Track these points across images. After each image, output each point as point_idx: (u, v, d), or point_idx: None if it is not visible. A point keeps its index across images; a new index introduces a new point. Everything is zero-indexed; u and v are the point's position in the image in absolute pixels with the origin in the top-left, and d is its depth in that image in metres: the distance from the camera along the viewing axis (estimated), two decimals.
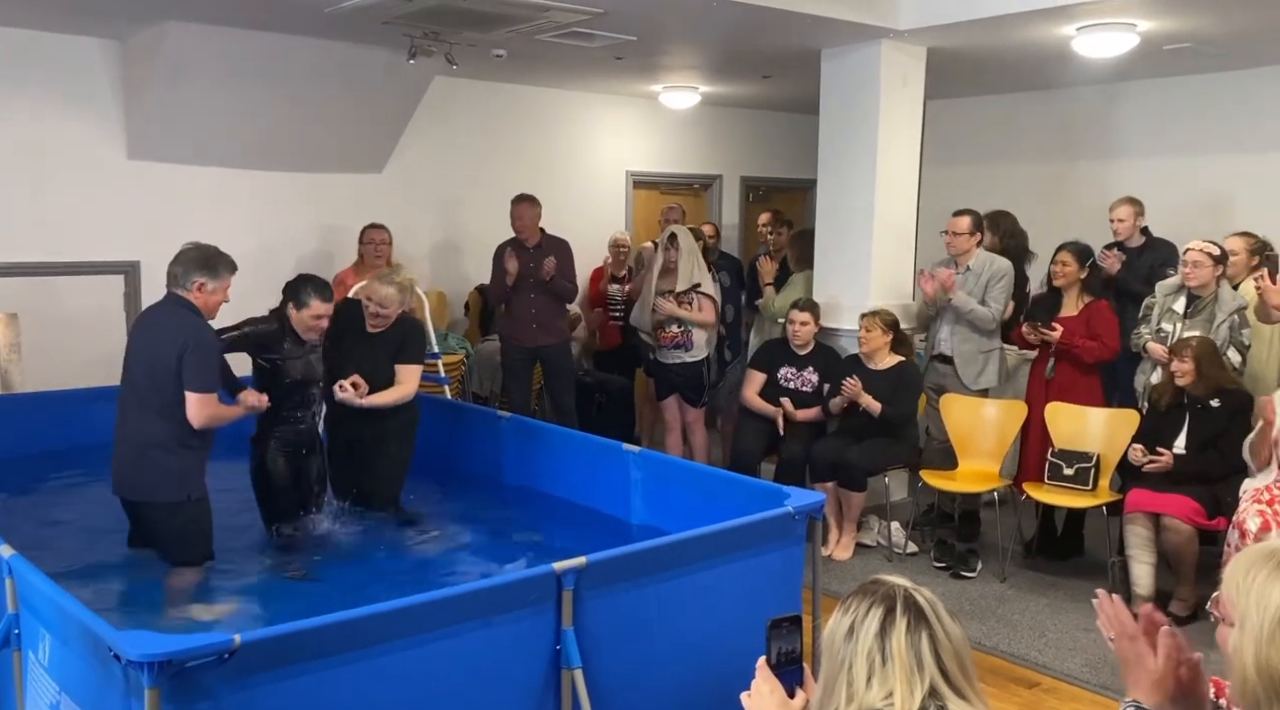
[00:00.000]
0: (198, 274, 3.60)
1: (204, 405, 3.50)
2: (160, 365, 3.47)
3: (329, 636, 2.31)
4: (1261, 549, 1.41)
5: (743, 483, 3.85)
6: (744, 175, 8.88)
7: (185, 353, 3.46)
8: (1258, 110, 6.09)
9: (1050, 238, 5.55)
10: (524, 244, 6.00)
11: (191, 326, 3.54)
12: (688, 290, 5.65)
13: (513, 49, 5.73)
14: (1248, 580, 1.36)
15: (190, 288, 3.59)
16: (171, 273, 3.63)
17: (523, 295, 5.96)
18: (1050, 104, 7.07)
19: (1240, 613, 1.35)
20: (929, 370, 5.54)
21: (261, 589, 3.77)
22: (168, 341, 3.48)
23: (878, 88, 5.52)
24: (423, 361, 4.42)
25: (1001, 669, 3.93)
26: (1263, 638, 1.31)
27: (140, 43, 5.53)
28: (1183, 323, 4.65)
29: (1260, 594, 1.33)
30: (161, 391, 3.48)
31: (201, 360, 3.50)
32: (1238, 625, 1.35)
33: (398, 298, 4.21)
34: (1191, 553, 4.28)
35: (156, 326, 3.60)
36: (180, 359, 3.45)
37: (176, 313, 3.58)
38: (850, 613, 1.48)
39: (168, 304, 3.63)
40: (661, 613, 2.94)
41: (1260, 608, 1.32)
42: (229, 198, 6.17)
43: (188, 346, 3.47)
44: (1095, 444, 4.82)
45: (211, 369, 3.58)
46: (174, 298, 3.62)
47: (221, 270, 3.66)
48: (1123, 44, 5.12)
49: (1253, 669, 1.31)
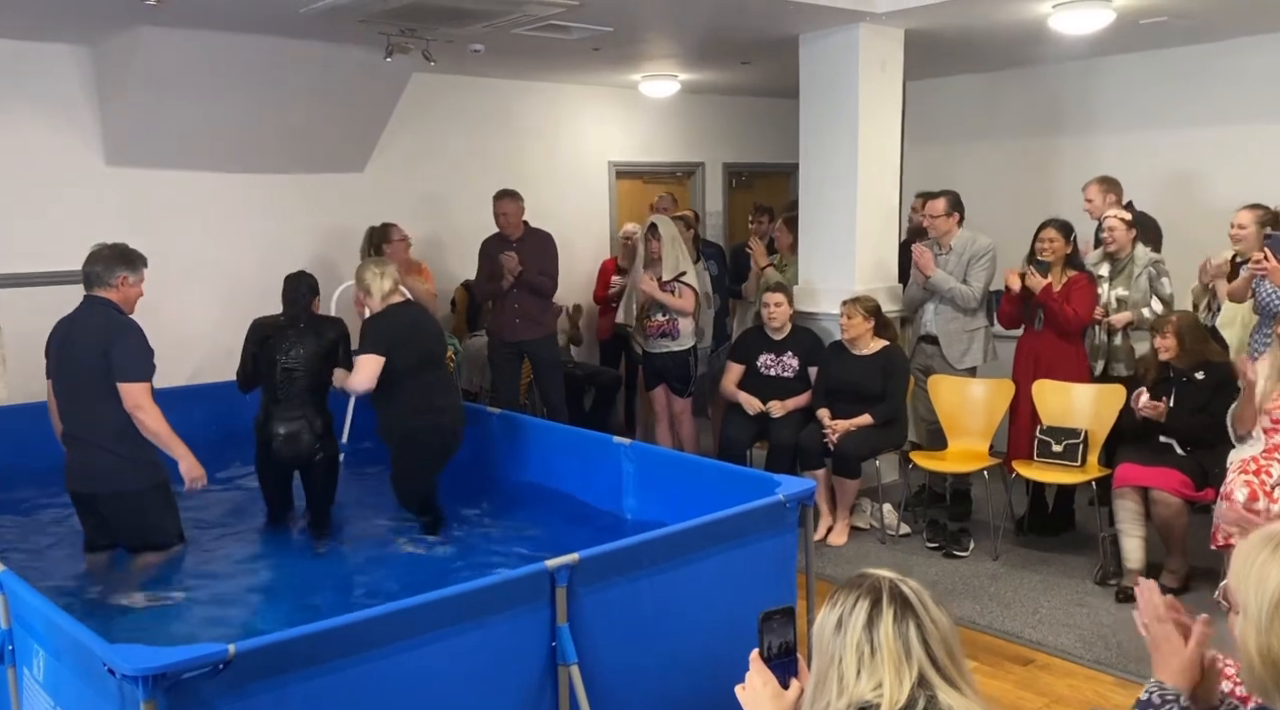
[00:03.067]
0: (120, 269, 3.77)
1: (135, 394, 3.64)
2: (97, 361, 3.63)
3: (323, 643, 2.31)
4: (1261, 534, 1.42)
5: (734, 472, 3.88)
6: (726, 162, 8.86)
7: (114, 347, 3.63)
8: (1236, 81, 6.10)
9: (1032, 214, 5.56)
10: (508, 239, 6.00)
11: (116, 321, 3.73)
12: (672, 279, 5.65)
13: (490, 43, 5.71)
14: (1247, 566, 1.37)
15: (114, 283, 3.75)
16: (91, 273, 3.77)
17: (507, 289, 5.96)
18: (1029, 81, 7.07)
19: (1243, 600, 1.35)
20: (916, 351, 5.56)
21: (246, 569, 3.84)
22: (96, 338, 3.65)
23: (856, 71, 5.51)
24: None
25: (996, 647, 3.96)
26: (1262, 624, 1.31)
27: (114, 48, 5.49)
28: (1109, 284, 5.04)
29: (1259, 579, 1.33)
30: (105, 385, 3.64)
31: (130, 351, 3.66)
32: (1241, 613, 1.36)
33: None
34: (1181, 525, 4.31)
35: (85, 327, 3.73)
36: (108, 353, 3.62)
37: (100, 311, 3.74)
38: (838, 606, 1.49)
39: (89, 305, 3.78)
40: (656, 605, 2.95)
41: (1259, 593, 1.33)
42: (210, 202, 6.13)
43: (114, 340, 3.65)
44: (1083, 420, 4.85)
45: (142, 359, 3.70)
46: (93, 298, 3.77)
47: (139, 263, 3.85)
48: (1098, 20, 5.12)
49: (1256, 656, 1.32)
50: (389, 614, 2.43)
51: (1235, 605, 1.39)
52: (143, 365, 3.68)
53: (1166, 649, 1.67)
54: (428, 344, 4.26)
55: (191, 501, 4.18)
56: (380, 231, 5.93)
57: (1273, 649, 1.29)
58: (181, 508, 4.00)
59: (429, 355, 4.23)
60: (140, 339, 3.72)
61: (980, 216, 5.75)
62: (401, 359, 4.10)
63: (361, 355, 4.09)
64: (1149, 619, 1.72)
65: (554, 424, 4.98)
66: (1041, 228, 5.05)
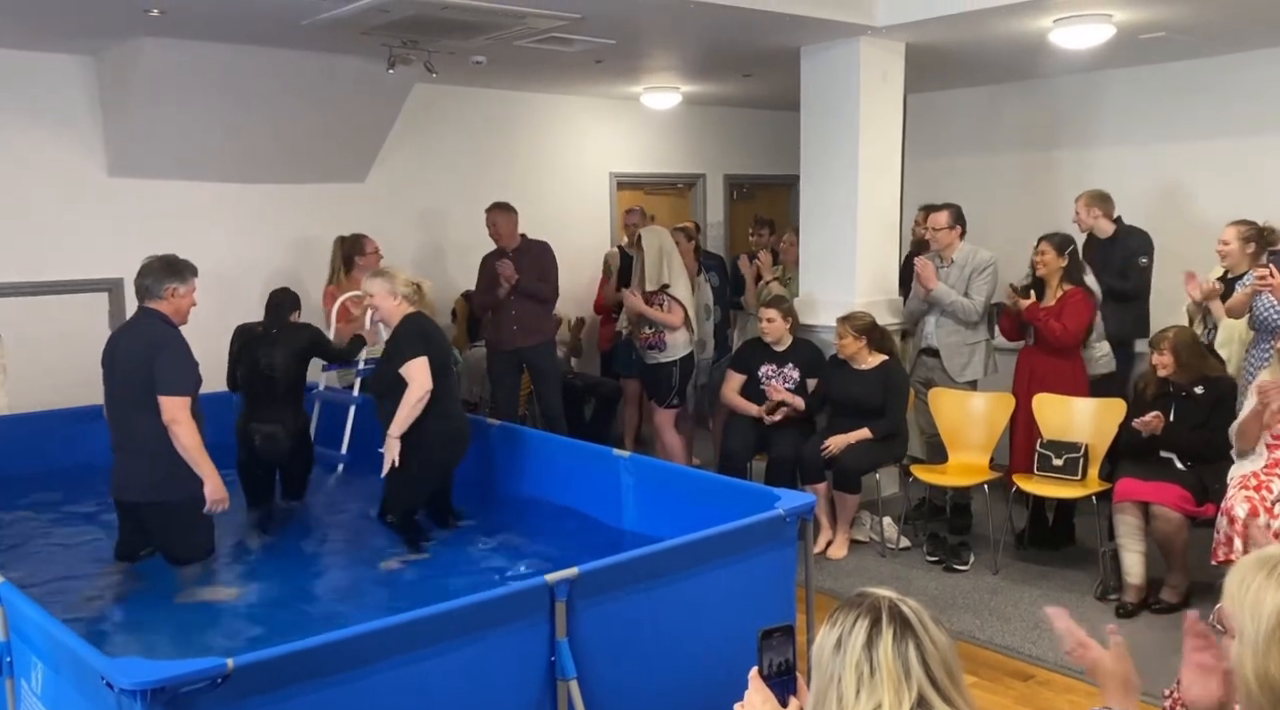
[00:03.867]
0: (169, 280, 3.83)
1: (172, 407, 3.67)
2: (140, 373, 3.69)
3: (322, 657, 2.31)
4: (1256, 558, 1.41)
5: (733, 486, 3.87)
6: (727, 173, 8.88)
7: (157, 358, 3.69)
8: (1235, 95, 6.12)
9: (1032, 227, 5.57)
10: (503, 250, 6.02)
11: (161, 334, 3.78)
12: (657, 291, 5.68)
13: (492, 55, 5.72)
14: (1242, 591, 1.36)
15: (163, 295, 3.82)
16: (142, 286, 3.84)
17: (505, 300, 5.97)
18: (1029, 94, 7.09)
19: (1238, 624, 1.35)
20: (917, 364, 5.57)
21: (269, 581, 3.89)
22: (144, 350, 3.72)
23: (858, 84, 5.53)
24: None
25: (996, 662, 3.94)
26: (1259, 648, 1.30)
27: (116, 59, 5.50)
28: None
29: (1254, 604, 1.33)
30: (146, 396, 3.69)
31: (172, 364, 3.71)
32: (1237, 637, 1.35)
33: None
34: (1181, 540, 4.30)
35: (132, 339, 3.82)
36: (152, 365, 3.68)
37: (149, 323, 3.81)
38: (837, 626, 1.48)
39: (140, 317, 3.87)
40: (656, 620, 2.95)
41: (1255, 618, 1.32)
42: (212, 212, 6.15)
43: (159, 352, 3.71)
44: (1083, 434, 4.84)
45: (182, 373, 3.75)
46: (144, 311, 3.85)
47: (187, 274, 3.91)
48: (1099, 35, 5.13)
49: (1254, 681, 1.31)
50: (388, 628, 2.43)
51: (1230, 629, 1.39)
52: (183, 379, 3.73)
53: (1101, 673, 1.68)
54: (443, 351, 4.29)
55: None
56: (352, 242, 5.88)
57: (1270, 673, 1.28)
58: None
59: (443, 362, 4.26)
60: (183, 352, 3.78)
61: (980, 229, 5.76)
62: (433, 361, 4.15)
63: (410, 361, 4.08)
64: (1070, 647, 1.73)
65: (553, 436, 4.97)
66: (1039, 242, 5.07)
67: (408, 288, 4.24)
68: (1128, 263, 5.49)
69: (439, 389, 4.13)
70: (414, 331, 4.15)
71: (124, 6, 4.52)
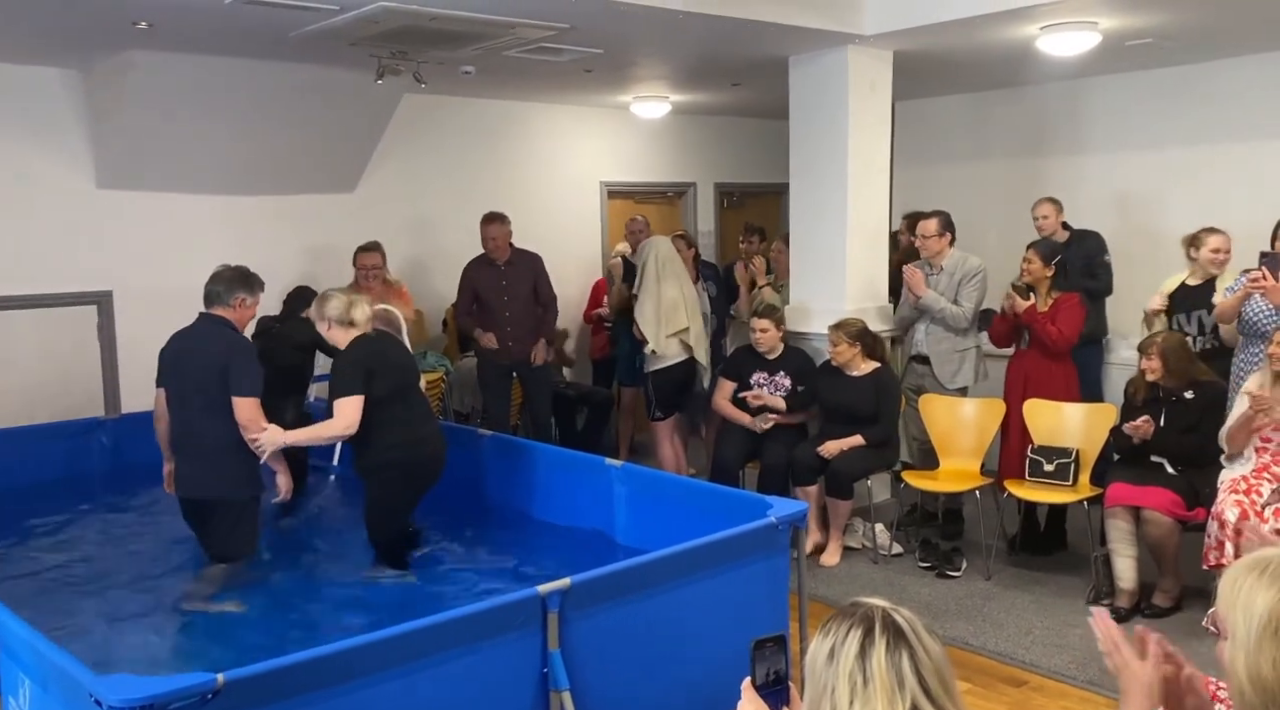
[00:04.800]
0: (239, 290, 4.01)
1: (248, 409, 3.84)
2: (214, 376, 3.82)
3: (313, 671, 2.30)
4: (1248, 560, 1.42)
5: (725, 494, 3.87)
6: (717, 182, 8.90)
7: (232, 363, 3.83)
8: (1224, 101, 6.16)
9: (1019, 234, 5.60)
10: (494, 261, 6.01)
11: (235, 340, 3.96)
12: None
13: (481, 65, 5.73)
14: (1235, 592, 1.37)
15: (231, 304, 3.98)
16: (212, 291, 4.00)
17: (496, 313, 5.97)
18: (1017, 101, 7.12)
19: (1231, 625, 1.35)
20: (907, 371, 5.58)
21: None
22: (219, 354, 3.84)
23: (846, 92, 5.55)
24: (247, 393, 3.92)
25: (989, 668, 3.94)
26: (1251, 648, 1.31)
27: (104, 72, 5.49)
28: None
29: (1246, 604, 1.34)
30: (219, 399, 3.83)
31: (246, 369, 3.87)
32: (1230, 637, 1.36)
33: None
34: (1173, 544, 4.31)
35: (204, 340, 3.93)
36: (227, 368, 3.81)
37: (218, 329, 3.96)
38: (830, 636, 1.48)
39: (205, 321, 3.99)
40: (648, 630, 2.94)
41: (1247, 618, 1.33)
42: (201, 223, 6.13)
43: (234, 357, 3.85)
44: (1074, 439, 4.86)
45: (256, 377, 3.90)
46: (210, 317, 3.99)
47: (256, 288, 4.11)
48: (1085, 42, 5.16)
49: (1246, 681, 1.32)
50: (380, 641, 2.42)
51: (1223, 631, 1.40)
52: (256, 382, 3.88)
53: (1127, 676, 1.67)
54: (398, 374, 4.06)
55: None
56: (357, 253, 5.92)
57: (1262, 674, 1.29)
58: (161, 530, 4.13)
59: (400, 386, 4.04)
60: (255, 358, 3.94)
61: (968, 236, 5.79)
62: (374, 393, 3.91)
63: (338, 400, 3.89)
64: (1106, 648, 1.72)
65: (546, 446, 4.96)
66: (1027, 249, 5.10)
67: (336, 311, 4.00)
68: (1090, 263, 5.62)
69: (392, 417, 3.93)
70: (354, 362, 3.92)
71: (112, 19, 4.52)
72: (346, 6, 4.31)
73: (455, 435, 5.07)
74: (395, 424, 3.96)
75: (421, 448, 4.07)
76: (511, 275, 5.99)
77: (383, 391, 3.93)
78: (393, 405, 3.96)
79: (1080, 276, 5.52)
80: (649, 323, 5.69)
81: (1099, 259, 5.66)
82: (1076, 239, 5.70)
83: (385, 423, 3.94)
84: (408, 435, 4.01)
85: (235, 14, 4.35)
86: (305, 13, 4.38)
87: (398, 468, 4.01)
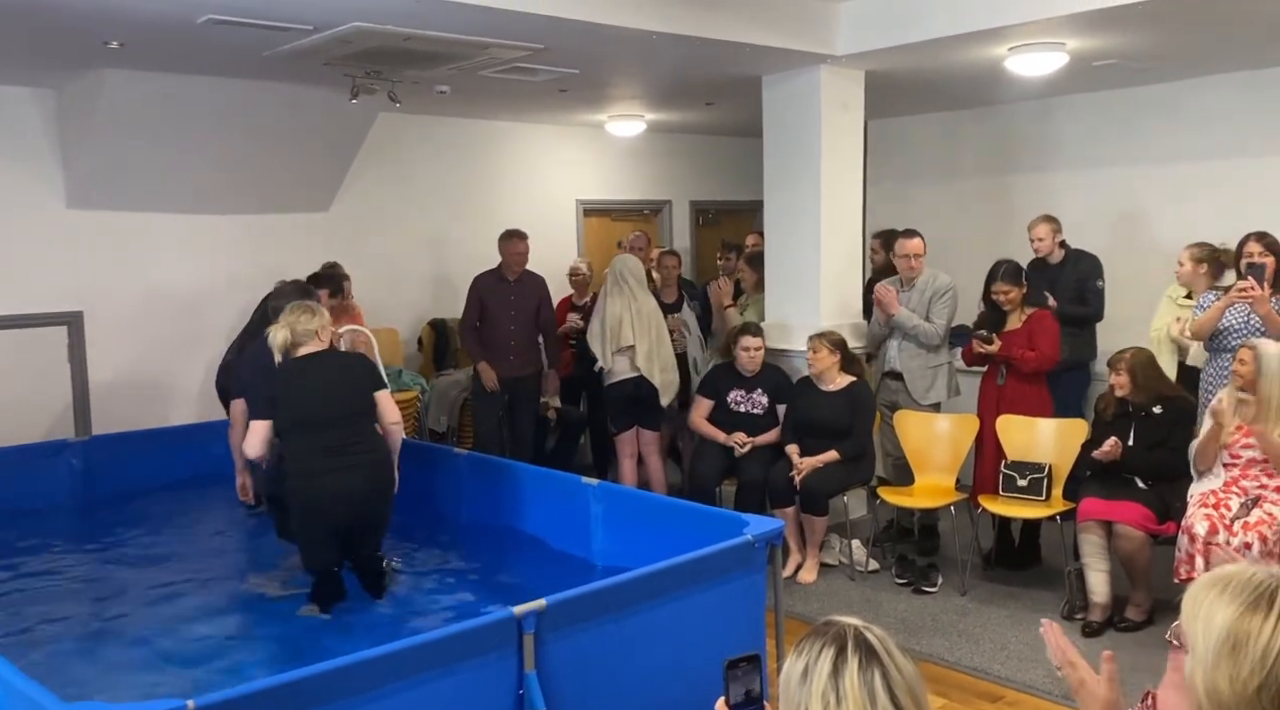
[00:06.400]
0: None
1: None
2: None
3: (284, 696, 2.27)
4: (1211, 576, 1.43)
5: (702, 512, 3.87)
6: (693, 199, 8.95)
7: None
8: (1186, 121, 6.26)
9: (989, 251, 5.65)
10: (505, 277, 6.04)
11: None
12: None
13: (456, 85, 5.74)
14: (1196, 607, 1.38)
15: None
16: None
17: (502, 328, 5.99)
18: (987, 121, 7.22)
19: (1191, 640, 1.37)
20: (881, 387, 5.61)
21: None
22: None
23: (819, 111, 5.60)
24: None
25: (965, 684, 3.96)
26: (1208, 664, 1.32)
27: (76, 91, 5.46)
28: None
29: (1206, 619, 1.35)
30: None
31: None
32: (1190, 652, 1.37)
33: None
34: (1144, 558, 4.35)
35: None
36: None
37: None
38: (803, 655, 1.49)
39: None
40: (625, 650, 2.93)
41: (1205, 633, 1.34)
42: (173, 243, 6.09)
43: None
44: (1046, 454, 4.90)
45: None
46: None
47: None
48: (1053, 63, 5.24)
49: (1204, 695, 1.33)
50: (352, 665, 2.40)
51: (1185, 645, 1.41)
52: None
53: (1084, 694, 1.69)
54: (299, 410, 3.82)
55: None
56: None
57: (1218, 687, 1.30)
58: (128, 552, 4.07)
59: (302, 421, 3.83)
60: None
61: (940, 253, 5.85)
62: (278, 423, 3.83)
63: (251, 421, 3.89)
64: (1058, 661, 1.74)
65: (523, 464, 4.94)
66: (992, 280, 5.08)
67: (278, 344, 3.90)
68: (1083, 286, 5.57)
69: (293, 449, 3.84)
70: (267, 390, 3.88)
71: (84, 39, 4.50)
72: (320, 26, 4.31)
73: (431, 455, 5.06)
74: (294, 456, 3.85)
75: (313, 481, 3.80)
76: (520, 292, 6.05)
77: (284, 424, 3.83)
78: (292, 436, 3.84)
79: (1070, 302, 5.46)
80: (595, 339, 5.74)
81: (1091, 283, 5.54)
82: (1072, 260, 5.61)
83: (289, 453, 3.87)
84: (299, 467, 3.82)
85: (207, 33, 4.34)
86: (278, 32, 4.38)
87: (293, 498, 3.87)
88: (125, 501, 5.18)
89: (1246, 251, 4.48)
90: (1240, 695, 1.27)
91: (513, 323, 6.01)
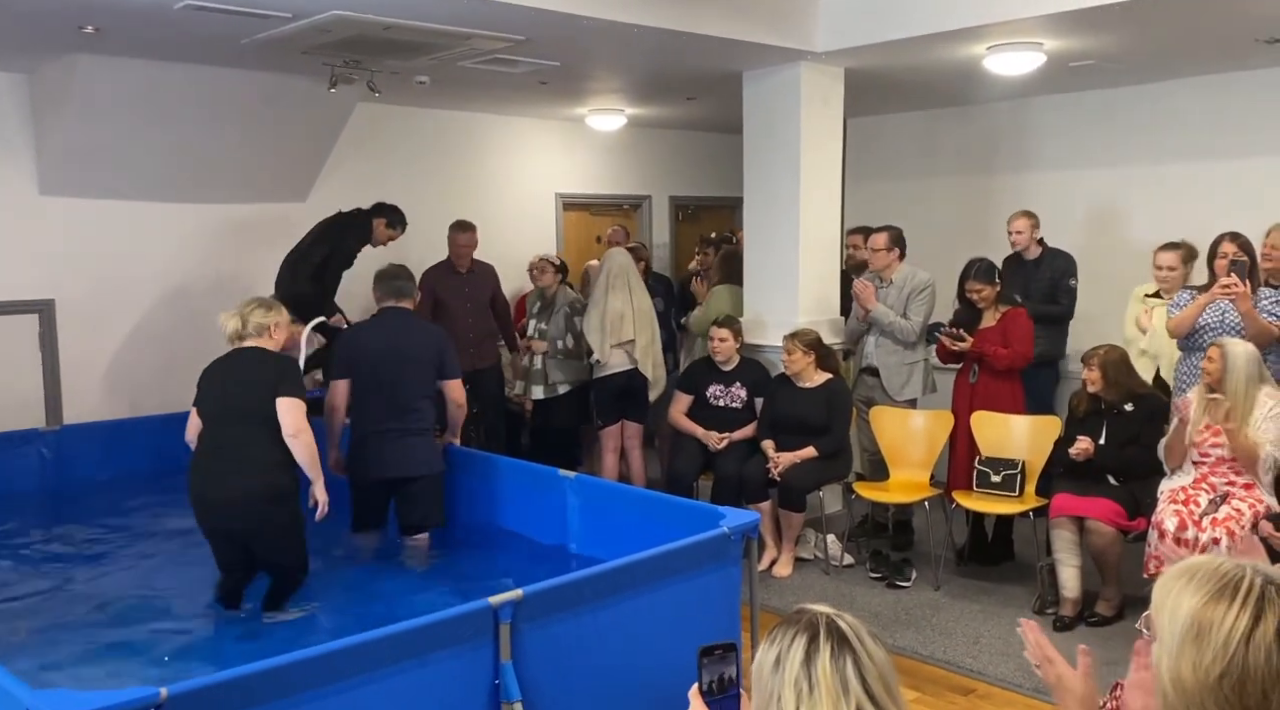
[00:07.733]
0: (415, 288, 4.61)
1: (460, 389, 4.45)
2: (434, 362, 4.29)
3: (260, 684, 2.26)
4: (1181, 566, 1.46)
5: (678, 504, 3.88)
6: (673, 195, 8.95)
7: (445, 350, 4.35)
8: (1161, 122, 6.34)
9: (968, 249, 5.68)
10: (456, 269, 6.02)
11: (438, 329, 4.55)
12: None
13: (436, 76, 5.72)
14: (1164, 595, 1.40)
15: (413, 296, 4.53)
16: (397, 287, 4.41)
17: (460, 320, 5.97)
18: (966, 119, 7.27)
19: (1158, 629, 1.39)
20: (858, 383, 5.64)
21: None
22: (433, 343, 4.34)
23: (799, 107, 5.62)
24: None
25: (938, 677, 3.99)
26: (1173, 651, 1.34)
27: (50, 76, 5.39)
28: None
29: (1173, 608, 1.37)
30: (435, 382, 4.29)
31: (455, 355, 4.45)
32: (1157, 641, 1.39)
33: None
34: (1115, 554, 4.41)
35: (415, 333, 4.36)
36: (441, 355, 4.33)
37: (417, 320, 4.52)
38: (776, 644, 1.50)
39: (399, 315, 4.39)
40: (601, 641, 2.94)
41: (1171, 622, 1.36)
42: (147, 232, 6.03)
43: (444, 344, 4.37)
44: (1020, 451, 4.95)
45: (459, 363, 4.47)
46: (399, 310, 4.40)
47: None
48: (1030, 62, 5.29)
49: (1169, 684, 1.35)
50: (328, 653, 2.39)
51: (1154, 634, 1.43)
52: (459, 367, 4.45)
53: (1061, 690, 1.71)
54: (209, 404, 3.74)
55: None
56: None
57: (1181, 675, 1.32)
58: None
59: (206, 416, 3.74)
60: None
61: (918, 251, 5.86)
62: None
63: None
64: (1036, 659, 1.76)
65: (499, 457, 4.94)
66: (966, 279, 5.12)
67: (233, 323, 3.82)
68: (1056, 284, 5.62)
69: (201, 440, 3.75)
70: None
71: (58, 23, 4.44)
72: (299, 14, 4.28)
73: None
74: (195, 452, 3.77)
75: (194, 477, 3.70)
76: (473, 283, 6.05)
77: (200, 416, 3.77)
78: (203, 432, 3.76)
79: (1042, 300, 5.49)
80: (594, 331, 5.75)
81: (1064, 282, 5.58)
82: (1048, 257, 5.64)
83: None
84: (192, 462, 3.74)
85: (184, 20, 4.29)
86: (257, 19, 4.35)
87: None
88: (96, 492, 5.13)
89: (1222, 251, 4.53)
90: (1203, 683, 1.29)
91: (469, 315, 6.02)
